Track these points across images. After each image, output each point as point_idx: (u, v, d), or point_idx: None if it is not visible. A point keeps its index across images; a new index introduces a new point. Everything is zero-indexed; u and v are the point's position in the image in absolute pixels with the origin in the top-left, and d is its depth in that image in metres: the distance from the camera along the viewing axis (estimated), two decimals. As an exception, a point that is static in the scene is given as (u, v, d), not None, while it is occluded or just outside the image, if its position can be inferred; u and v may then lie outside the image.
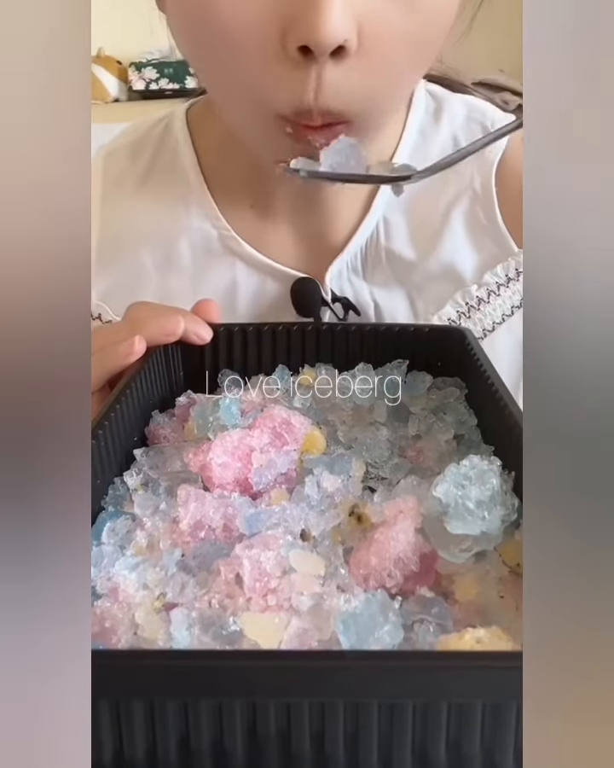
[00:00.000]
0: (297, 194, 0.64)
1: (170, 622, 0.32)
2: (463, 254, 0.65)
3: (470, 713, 0.26)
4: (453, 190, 0.66)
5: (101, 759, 0.27)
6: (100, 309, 0.66)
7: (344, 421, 0.50)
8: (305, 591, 0.33)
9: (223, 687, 0.26)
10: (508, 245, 0.65)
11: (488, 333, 0.66)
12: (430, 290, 0.65)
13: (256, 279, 0.65)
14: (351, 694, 0.26)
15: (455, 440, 0.48)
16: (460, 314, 0.65)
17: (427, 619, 0.32)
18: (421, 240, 0.65)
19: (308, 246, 0.66)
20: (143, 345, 0.50)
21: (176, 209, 0.66)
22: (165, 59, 2.61)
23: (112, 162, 0.68)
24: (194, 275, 0.66)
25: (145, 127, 0.69)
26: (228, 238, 0.65)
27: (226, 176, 0.66)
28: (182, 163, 0.66)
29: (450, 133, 0.67)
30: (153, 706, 0.27)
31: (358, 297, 0.65)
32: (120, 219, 0.67)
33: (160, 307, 0.59)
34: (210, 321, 0.56)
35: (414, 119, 0.67)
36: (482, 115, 0.68)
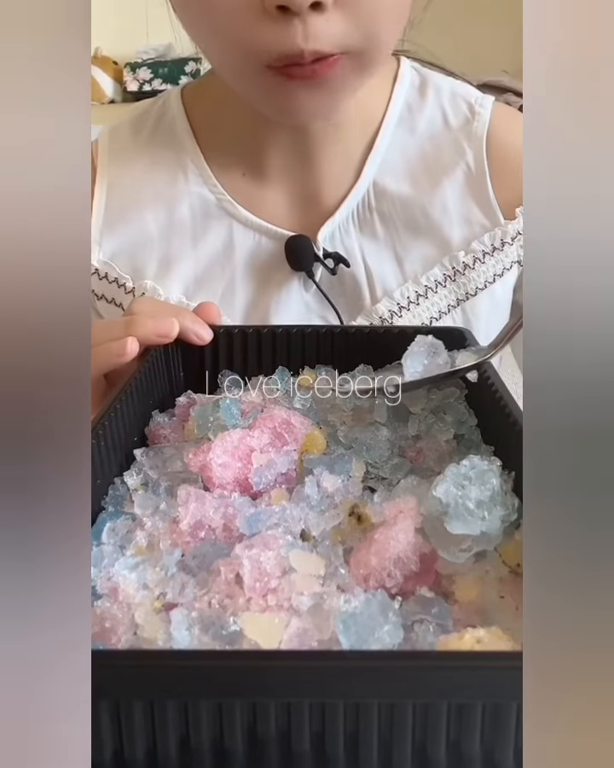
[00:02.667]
0: (288, 160, 0.69)
1: (170, 622, 0.32)
2: (453, 222, 0.69)
3: (470, 713, 0.26)
4: (447, 159, 0.69)
5: (101, 759, 0.27)
6: (107, 267, 0.70)
7: (344, 422, 0.50)
8: (305, 591, 0.33)
9: (223, 687, 0.26)
10: (496, 216, 0.69)
11: (470, 297, 0.70)
12: (418, 253, 0.69)
13: (251, 238, 0.70)
14: (351, 694, 0.26)
15: (455, 440, 0.48)
16: (446, 277, 0.69)
17: (427, 619, 0.32)
18: (413, 205, 0.69)
19: (300, 208, 0.70)
20: (136, 346, 0.51)
21: (176, 176, 0.71)
22: (161, 58, 2.61)
23: (116, 136, 0.74)
24: (194, 235, 0.70)
25: (144, 106, 0.75)
26: (224, 201, 0.70)
27: (220, 145, 0.71)
28: (179, 135, 0.72)
29: (438, 107, 0.71)
30: (153, 706, 0.27)
31: (349, 257, 0.68)
32: (126, 186, 0.72)
33: (161, 306, 0.60)
34: (210, 322, 0.56)
35: (400, 92, 0.71)
36: (466, 92, 0.72)
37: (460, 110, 0.71)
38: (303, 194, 0.70)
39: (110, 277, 0.71)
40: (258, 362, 0.57)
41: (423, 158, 0.70)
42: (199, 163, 0.70)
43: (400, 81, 0.71)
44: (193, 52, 0.65)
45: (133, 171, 0.72)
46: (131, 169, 0.72)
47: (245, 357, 0.57)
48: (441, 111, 0.71)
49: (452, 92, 0.72)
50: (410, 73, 0.72)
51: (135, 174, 0.71)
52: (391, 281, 0.69)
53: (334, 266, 0.68)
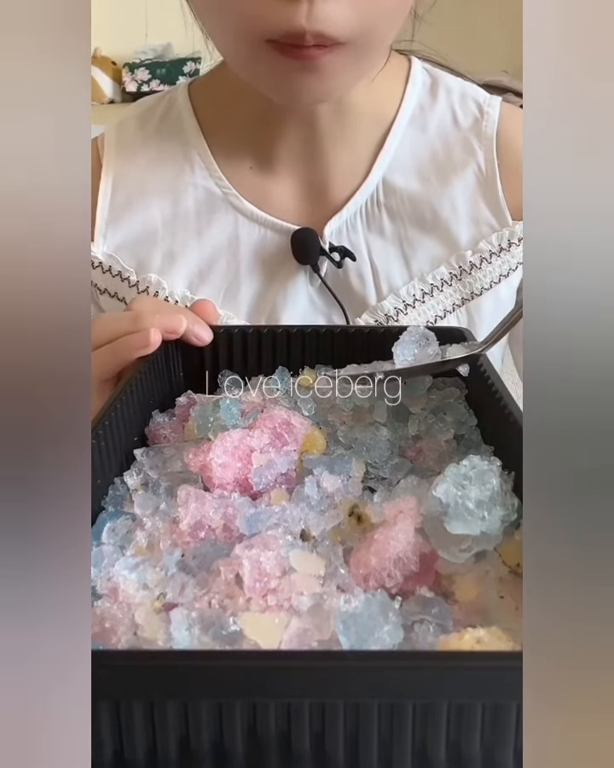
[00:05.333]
0: (297, 154, 0.69)
1: (170, 622, 0.32)
2: (461, 221, 0.69)
3: (470, 713, 0.26)
4: (457, 159, 0.69)
5: (101, 759, 0.27)
6: (112, 260, 0.71)
7: (344, 422, 0.50)
8: (305, 591, 0.33)
9: (223, 687, 0.26)
10: (505, 216, 0.69)
11: (475, 296, 0.70)
12: (426, 251, 0.69)
13: (257, 232, 0.69)
14: (351, 694, 0.26)
15: (455, 440, 0.48)
16: (452, 276, 0.69)
17: (427, 619, 0.32)
18: (421, 202, 0.69)
19: (308, 203, 0.70)
20: (159, 336, 0.52)
21: (182, 169, 0.71)
22: (159, 59, 2.61)
23: (123, 130, 0.74)
24: (198, 229, 0.70)
25: (151, 101, 0.75)
26: (230, 195, 0.70)
27: (226, 138, 0.71)
28: (186, 128, 0.72)
29: (448, 107, 0.71)
30: (153, 706, 0.27)
31: (355, 253, 0.68)
32: (131, 179, 0.72)
33: (163, 304, 0.60)
34: (207, 320, 0.57)
35: (412, 92, 0.71)
36: (475, 93, 0.72)
37: (470, 110, 0.71)
38: (310, 188, 0.70)
39: (114, 271, 0.71)
40: (258, 362, 0.57)
41: (433, 156, 0.70)
42: (206, 156, 0.70)
43: (412, 81, 0.71)
44: (191, 52, 0.65)
45: (139, 163, 0.72)
46: (137, 162, 0.72)
47: (245, 357, 0.57)
48: (451, 111, 0.71)
49: (461, 93, 0.72)
50: (422, 74, 0.72)
51: (140, 167, 0.71)
52: (397, 278, 0.69)
53: (340, 260, 0.68)
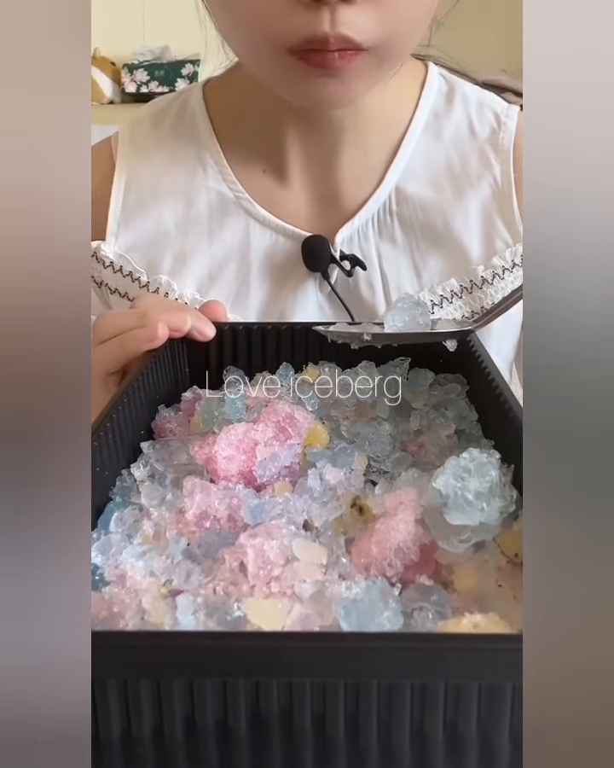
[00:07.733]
0: (310, 159, 0.68)
1: (176, 607, 0.33)
2: (474, 234, 0.68)
3: (467, 694, 0.27)
4: (473, 170, 0.69)
5: (110, 736, 0.28)
6: (122, 260, 0.71)
7: (347, 417, 0.51)
8: (307, 579, 0.34)
9: (228, 667, 0.27)
10: (518, 231, 0.68)
11: (484, 310, 0.68)
12: (437, 262, 0.68)
13: (268, 237, 0.69)
14: (352, 674, 0.27)
15: (456, 435, 0.49)
16: (463, 288, 0.68)
17: (426, 606, 0.33)
18: (434, 211, 0.68)
19: (320, 209, 0.70)
20: (166, 331, 0.53)
21: (195, 171, 0.71)
22: (157, 60, 2.60)
23: (136, 130, 0.74)
24: (210, 231, 0.70)
25: (165, 101, 0.75)
26: (242, 199, 0.70)
27: (240, 141, 0.71)
28: (199, 130, 0.72)
29: (465, 116, 0.70)
30: (160, 685, 0.28)
31: (366, 261, 0.68)
32: (144, 179, 0.72)
33: (168, 302, 0.60)
34: (216, 320, 0.57)
35: (428, 98, 0.70)
36: (493, 102, 0.71)
37: (487, 120, 0.70)
38: (323, 194, 0.69)
39: (125, 271, 0.71)
40: (263, 358, 0.58)
41: (448, 165, 0.69)
42: (219, 159, 0.70)
43: (428, 87, 0.70)
44: (189, 54, 0.65)
45: (152, 164, 0.71)
46: (150, 163, 0.72)
47: (249, 353, 0.58)
48: (467, 120, 0.70)
49: (479, 101, 0.71)
50: (438, 80, 0.71)
51: (153, 168, 0.71)
52: (407, 288, 0.68)
53: (351, 268, 0.67)
